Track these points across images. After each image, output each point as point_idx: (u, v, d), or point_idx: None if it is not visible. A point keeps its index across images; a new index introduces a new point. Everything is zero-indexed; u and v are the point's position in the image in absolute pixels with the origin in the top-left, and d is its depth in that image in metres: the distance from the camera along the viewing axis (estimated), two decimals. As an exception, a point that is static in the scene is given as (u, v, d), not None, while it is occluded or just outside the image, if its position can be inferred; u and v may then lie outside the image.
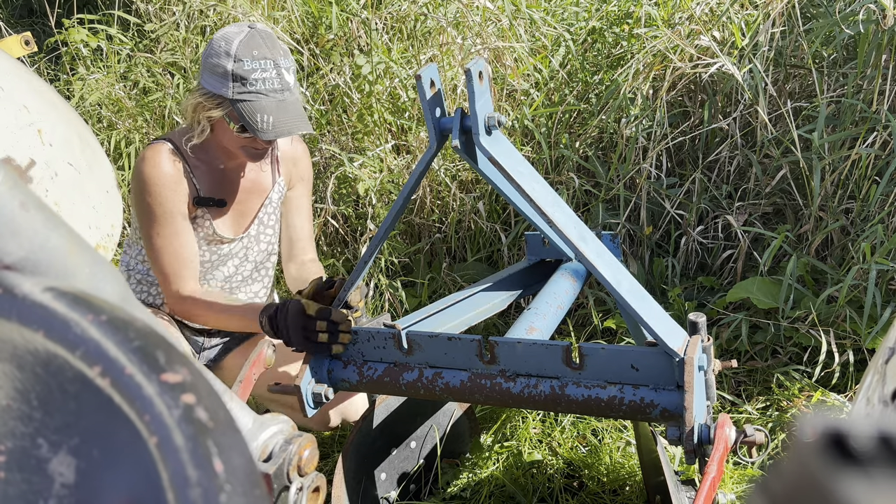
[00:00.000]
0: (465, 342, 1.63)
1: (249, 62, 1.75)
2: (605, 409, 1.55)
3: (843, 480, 0.26)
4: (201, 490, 0.37)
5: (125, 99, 3.70)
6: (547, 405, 1.60)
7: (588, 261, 1.45)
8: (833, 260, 2.54)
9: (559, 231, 1.44)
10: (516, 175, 1.45)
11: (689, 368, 1.41)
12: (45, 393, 0.45)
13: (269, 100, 1.78)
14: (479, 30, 2.93)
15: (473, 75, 1.39)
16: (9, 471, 0.45)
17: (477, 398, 1.65)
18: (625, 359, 1.52)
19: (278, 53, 1.79)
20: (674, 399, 1.48)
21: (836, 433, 0.27)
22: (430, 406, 2.02)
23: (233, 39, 1.77)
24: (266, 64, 1.77)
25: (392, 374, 1.71)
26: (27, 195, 0.51)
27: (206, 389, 0.41)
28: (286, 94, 1.80)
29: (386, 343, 1.71)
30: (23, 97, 1.83)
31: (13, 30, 4.27)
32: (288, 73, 1.80)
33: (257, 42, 1.77)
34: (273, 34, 1.82)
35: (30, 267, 0.51)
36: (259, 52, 1.77)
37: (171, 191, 1.88)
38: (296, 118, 1.81)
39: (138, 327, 0.43)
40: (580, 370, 1.56)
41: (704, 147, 2.81)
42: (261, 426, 0.90)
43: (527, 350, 1.59)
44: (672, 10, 2.84)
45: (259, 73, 1.76)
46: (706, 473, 1.32)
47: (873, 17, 2.42)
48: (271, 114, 1.78)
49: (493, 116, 1.45)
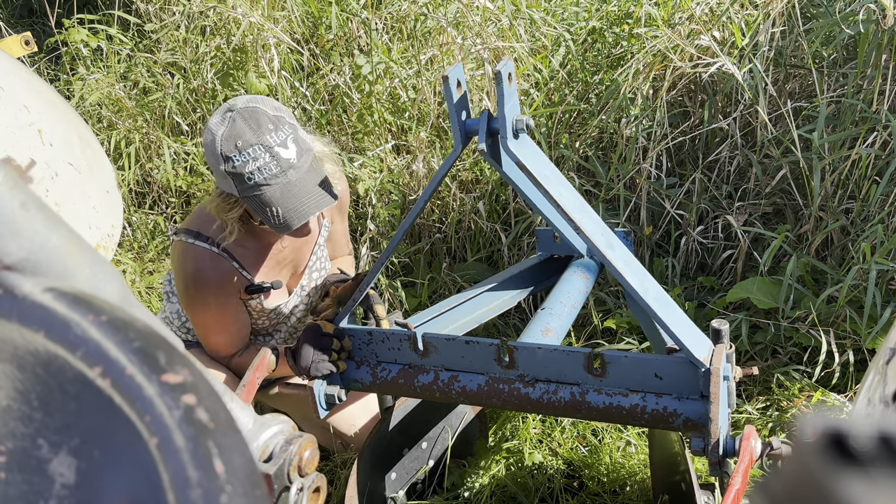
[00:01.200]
0: (483, 346, 1.60)
1: (238, 157, 1.59)
2: (626, 418, 1.52)
3: (844, 480, 0.26)
4: (202, 491, 0.37)
5: (125, 99, 3.70)
6: (567, 412, 1.57)
7: (615, 268, 1.41)
8: (833, 260, 2.54)
9: (586, 237, 1.41)
10: (543, 180, 1.42)
11: (716, 379, 1.38)
12: (46, 393, 0.45)
13: (273, 188, 1.62)
14: (479, 30, 2.93)
15: (503, 77, 1.35)
16: (9, 471, 0.45)
17: (494, 402, 1.62)
18: (648, 367, 1.49)
19: (265, 132, 1.60)
20: (697, 409, 1.46)
21: (837, 433, 0.27)
22: (444, 408, 2.01)
23: (216, 135, 1.61)
24: (255, 151, 1.59)
25: (407, 375, 1.69)
26: (27, 195, 0.51)
27: (207, 390, 0.41)
28: (290, 173, 1.62)
29: (401, 344, 1.68)
30: (23, 97, 1.83)
31: (13, 30, 4.28)
32: (285, 148, 1.62)
33: (239, 130, 1.59)
34: (257, 109, 1.63)
35: (30, 267, 0.51)
36: (244, 142, 1.59)
37: (218, 291, 1.86)
38: (306, 197, 1.64)
39: (139, 328, 0.43)
40: (602, 377, 1.53)
41: (704, 147, 2.81)
42: (261, 427, 0.90)
43: (547, 356, 1.56)
44: (672, 9, 2.84)
45: (251, 164, 1.60)
46: (730, 485, 1.29)
47: (873, 17, 2.42)
48: (278, 204, 1.63)
49: (522, 119, 1.42)
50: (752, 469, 1.38)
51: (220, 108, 1.66)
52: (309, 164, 1.66)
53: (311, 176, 1.65)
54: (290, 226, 1.63)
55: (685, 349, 1.42)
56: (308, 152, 1.66)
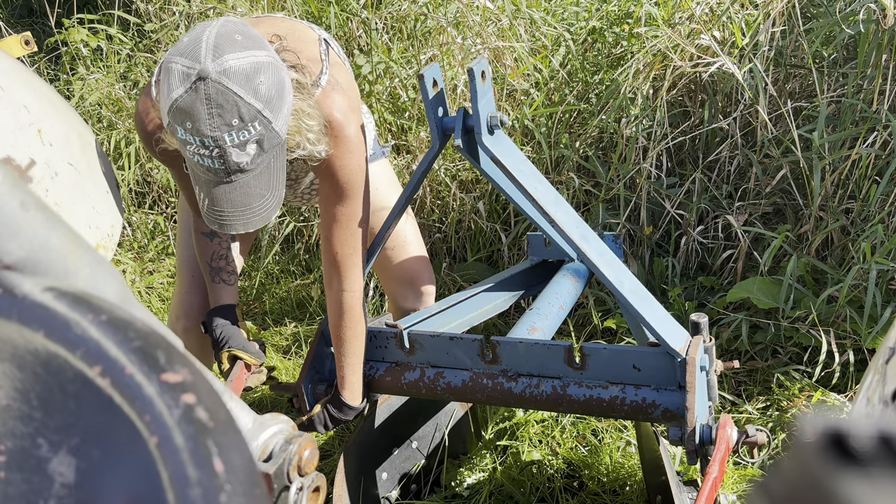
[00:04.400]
0: (466, 342, 1.63)
1: (182, 133, 1.29)
2: (606, 410, 1.54)
3: (843, 480, 0.26)
4: (201, 490, 0.37)
5: (125, 99, 3.70)
6: (548, 405, 1.60)
7: (590, 260, 1.45)
8: (833, 260, 2.54)
9: (561, 230, 1.45)
10: (518, 174, 1.46)
11: (691, 369, 1.41)
12: (46, 393, 0.45)
13: (208, 180, 1.34)
14: (479, 30, 2.93)
15: (476, 75, 1.39)
16: (9, 471, 0.45)
17: (478, 398, 1.66)
18: (626, 359, 1.52)
19: (225, 126, 1.27)
20: (675, 399, 1.48)
21: (837, 433, 0.27)
22: (431, 406, 2.02)
23: (172, 93, 1.27)
24: (205, 142, 1.28)
25: (393, 373, 1.72)
26: (27, 195, 0.51)
27: (206, 389, 0.41)
28: (235, 176, 1.32)
29: (388, 342, 1.71)
30: (23, 97, 1.83)
31: (13, 30, 4.27)
32: (240, 150, 1.30)
33: (197, 112, 1.26)
34: (228, 92, 1.26)
35: (30, 267, 0.51)
36: (194, 127, 1.27)
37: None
38: (236, 209, 1.35)
39: (138, 327, 0.43)
40: (582, 370, 1.56)
41: (704, 147, 2.81)
42: (261, 426, 0.90)
43: (528, 350, 1.59)
44: (672, 9, 2.84)
45: (193, 147, 1.30)
46: (708, 474, 1.32)
47: (873, 16, 2.42)
48: (207, 197, 1.36)
49: (496, 116, 1.46)
50: (728, 458, 1.40)
51: (191, 47, 1.28)
52: (266, 165, 1.35)
53: (258, 182, 1.35)
54: (211, 223, 1.38)
55: (661, 340, 1.45)
56: (273, 149, 1.35)
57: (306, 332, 2.85)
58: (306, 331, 2.86)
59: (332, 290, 1.65)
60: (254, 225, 1.38)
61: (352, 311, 1.65)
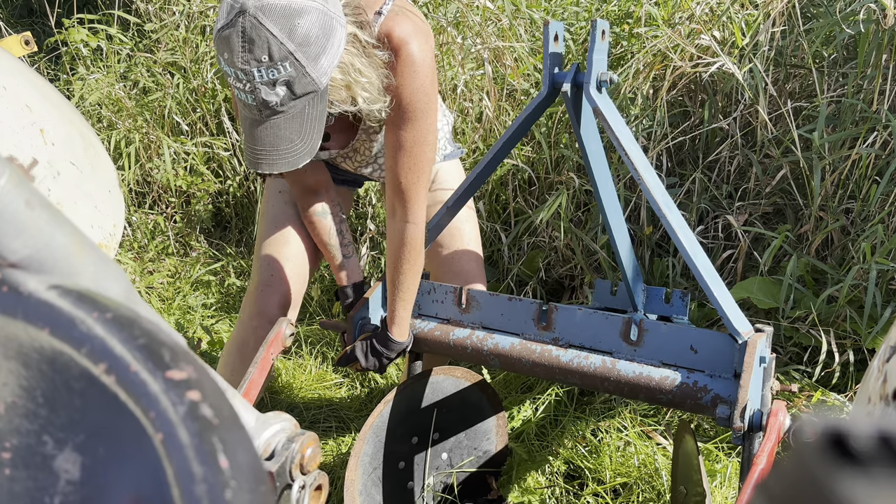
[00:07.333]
0: (524, 304, 1.64)
1: (223, 63, 1.34)
2: (653, 391, 1.49)
3: (844, 480, 0.26)
4: (206, 486, 0.37)
5: (125, 99, 3.70)
6: (594, 380, 1.55)
7: (671, 227, 1.49)
8: (833, 260, 2.54)
9: (648, 192, 1.50)
10: (618, 133, 1.53)
11: (751, 350, 1.37)
12: (51, 390, 0.45)
13: (244, 114, 1.38)
14: (479, 30, 2.93)
15: (598, 29, 1.50)
16: (14, 468, 0.45)
17: (523, 364, 1.63)
18: (685, 339, 1.49)
19: (254, 61, 1.29)
20: (728, 387, 1.43)
21: (837, 433, 0.27)
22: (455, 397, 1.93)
23: (218, 21, 1.33)
24: (238, 74, 1.32)
25: (443, 329, 1.73)
26: (32, 193, 0.51)
27: (211, 386, 0.42)
28: (265, 113, 1.35)
29: (445, 297, 1.74)
30: (25, 97, 1.83)
31: (13, 30, 4.28)
32: (269, 88, 1.32)
33: (232, 42, 1.29)
34: (262, 28, 1.28)
35: (35, 265, 0.51)
36: (229, 58, 1.31)
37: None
38: (266, 150, 1.38)
39: (143, 325, 0.44)
40: (636, 346, 1.53)
41: (704, 147, 2.81)
42: (263, 424, 0.90)
43: (586, 319, 1.58)
44: (672, 9, 2.85)
45: (232, 79, 1.34)
46: (755, 464, 1.23)
47: (873, 16, 2.42)
48: (244, 132, 1.39)
49: (606, 73, 1.54)
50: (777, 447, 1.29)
51: None
52: (299, 110, 1.36)
53: (288, 125, 1.36)
54: (245, 160, 1.45)
55: (726, 318, 1.43)
56: (308, 96, 1.35)
57: (306, 332, 2.86)
58: (306, 331, 2.86)
59: (394, 221, 1.65)
60: (278, 168, 1.39)
61: (412, 244, 1.64)
